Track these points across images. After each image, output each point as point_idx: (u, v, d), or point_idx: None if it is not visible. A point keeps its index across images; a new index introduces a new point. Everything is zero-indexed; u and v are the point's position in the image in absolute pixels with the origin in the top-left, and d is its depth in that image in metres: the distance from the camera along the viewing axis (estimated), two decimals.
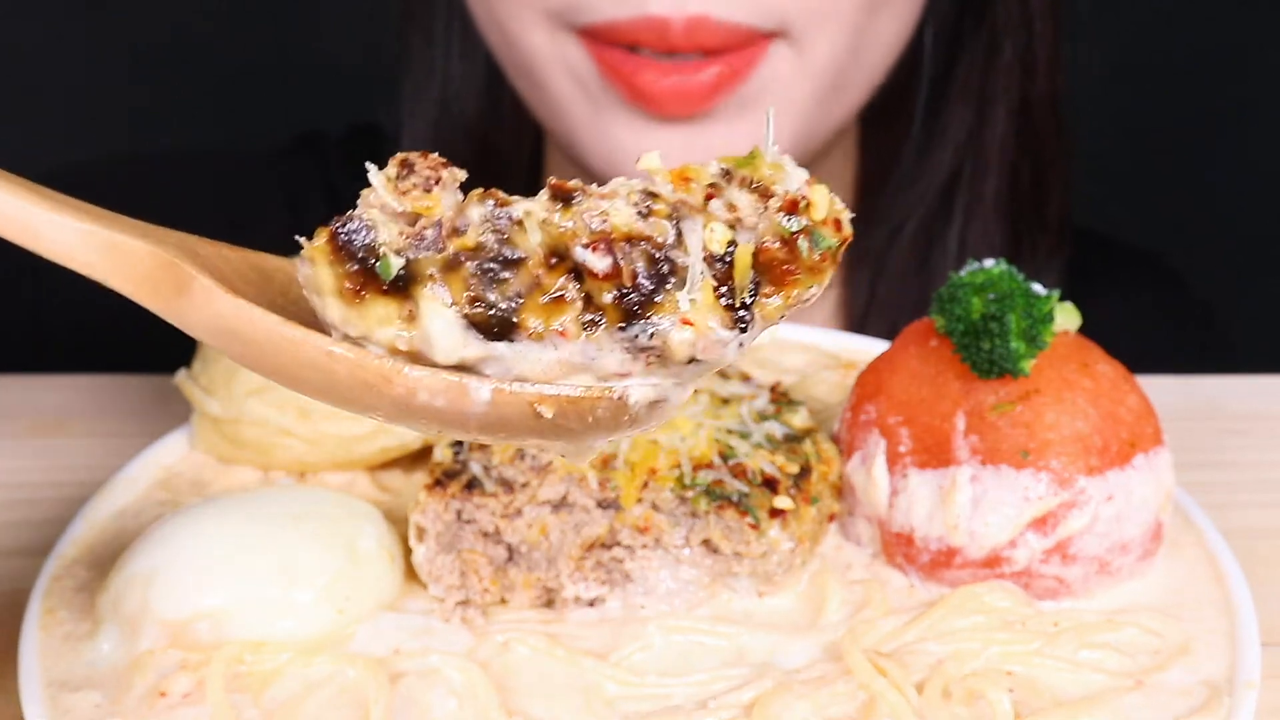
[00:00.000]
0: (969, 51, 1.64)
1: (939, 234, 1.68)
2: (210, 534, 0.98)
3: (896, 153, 1.69)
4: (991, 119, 1.65)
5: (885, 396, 1.04)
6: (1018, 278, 1.01)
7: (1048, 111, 1.67)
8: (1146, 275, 1.90)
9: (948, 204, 1.67)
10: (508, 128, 1.72)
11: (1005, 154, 1.66)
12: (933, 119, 1.66)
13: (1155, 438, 1.01)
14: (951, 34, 1.66)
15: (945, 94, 1.66)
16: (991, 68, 1.64)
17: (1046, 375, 1.00)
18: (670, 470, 0.98)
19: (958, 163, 1.66)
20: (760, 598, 1.01)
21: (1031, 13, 1.63)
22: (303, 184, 1.82)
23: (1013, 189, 1.67)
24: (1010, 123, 1.65)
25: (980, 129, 1.65)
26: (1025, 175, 1.68)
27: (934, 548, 1.00)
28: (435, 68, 1.69)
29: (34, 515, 1.16)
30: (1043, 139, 1.68)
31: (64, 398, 1.32)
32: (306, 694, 0.93)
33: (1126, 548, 1.00)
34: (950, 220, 1.67)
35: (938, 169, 1.66)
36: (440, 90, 1.69)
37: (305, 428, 1.09)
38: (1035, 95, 1.65)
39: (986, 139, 1.65)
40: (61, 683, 0.94)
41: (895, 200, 1.68)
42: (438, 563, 1.00)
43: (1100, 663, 0.95)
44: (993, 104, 1.65)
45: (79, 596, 1.01)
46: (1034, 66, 1.64)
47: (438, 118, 1.70)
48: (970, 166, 1.66)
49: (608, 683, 0.94)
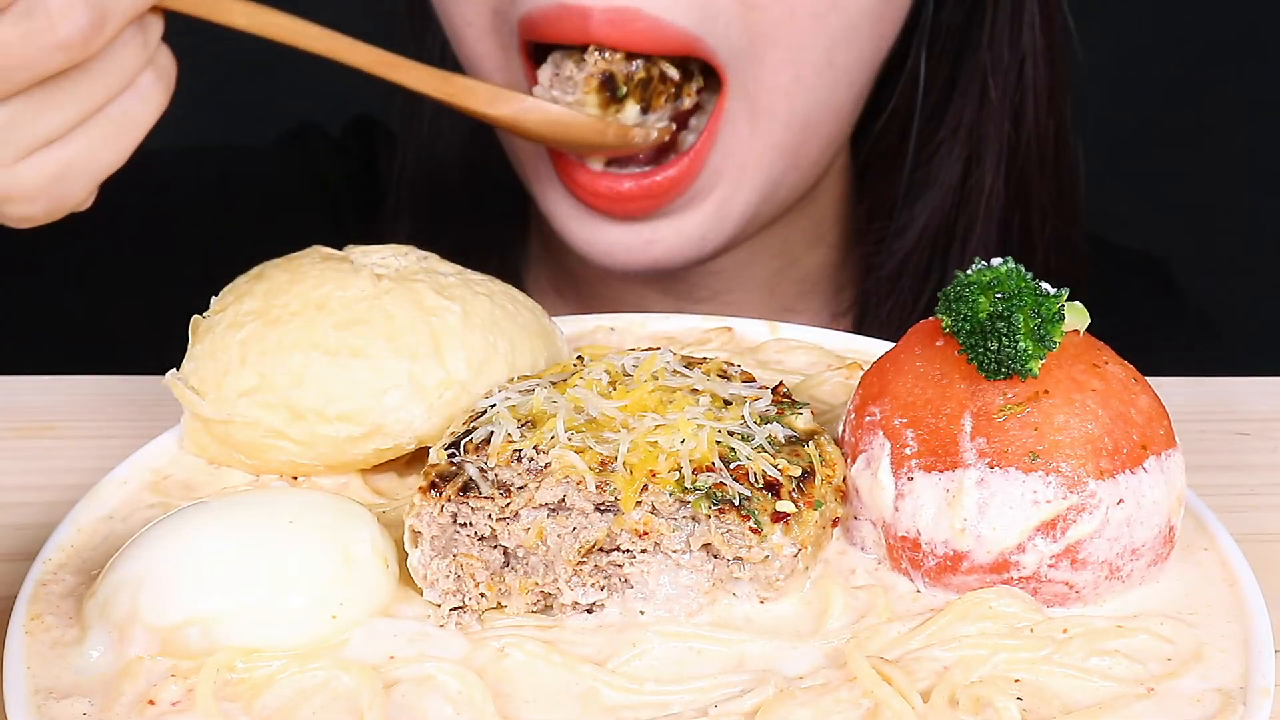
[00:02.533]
0: (960, 94, 1.59)
1: (931, 283, 1.64)
2: (201, 538, 0.97)
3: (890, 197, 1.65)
4: (980, 168, 1.59)
5: (890, 398, 1.03)
6: (1026, 276, 1.00)
7: (1037, 163, 1.61)
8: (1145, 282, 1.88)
9: (940, 255, 1.63)
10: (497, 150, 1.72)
11: (994, 205, 1.60)
12: (923, 164, 1.62)
13: (1167, 440, 1.00)
14: (948, 74, 1.61)
15: (936, 137, 1.61)
16: (981, 114, 1.58)
17: (1055, 376, 0.99)
18: (670, 473, 0.97)
19: (949, 212, 1.61)
20: (762, 603, 1.00)
21: (1023, 56, 1.57)
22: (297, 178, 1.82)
23: (1002, 242, 1.61)
24: (999, 172, 1.59)
25: (969, 178, 1.59)
26: (1015, 223, 1.63)
27: (940, 552, 0.99)
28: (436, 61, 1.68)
29: (19, 519, 1.15)
30: (1032, 192, 1.62)
31: (51, 399, 1.31)
32: (299, 702, 0.92)
33: (1137, 552, 0.99)
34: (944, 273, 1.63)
35: (930, 216, 1.61)
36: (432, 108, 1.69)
37: (298, 429, 1.08)
38: (1024, 145, 1.59)
39: (973, 189, 1.59)
40: (48, 690, 0.93)
41: (887, 247, 1.65)
42: (433, 567, 0.99)
43: (1110, 670, 0.94)
44: (982, 152, 1.59)
45: (66, 602, 1.00)
46: (1024, 114, 1.58)
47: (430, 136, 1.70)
48: (962, 217, 1.60)
49: (606, 690, 0.93)
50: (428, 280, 1.12)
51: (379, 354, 1.08)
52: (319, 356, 1.08)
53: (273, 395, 1.08)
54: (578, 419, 1.00)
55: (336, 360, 1.08)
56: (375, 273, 1.12)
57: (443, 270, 1.15)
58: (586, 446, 0.98)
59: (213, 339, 1.11)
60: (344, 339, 1.08)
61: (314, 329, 1.09)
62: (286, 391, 1.08)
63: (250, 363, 1.08)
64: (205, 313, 1.13)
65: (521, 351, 1.13)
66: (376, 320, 1.09)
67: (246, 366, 1.09)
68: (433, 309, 1.10)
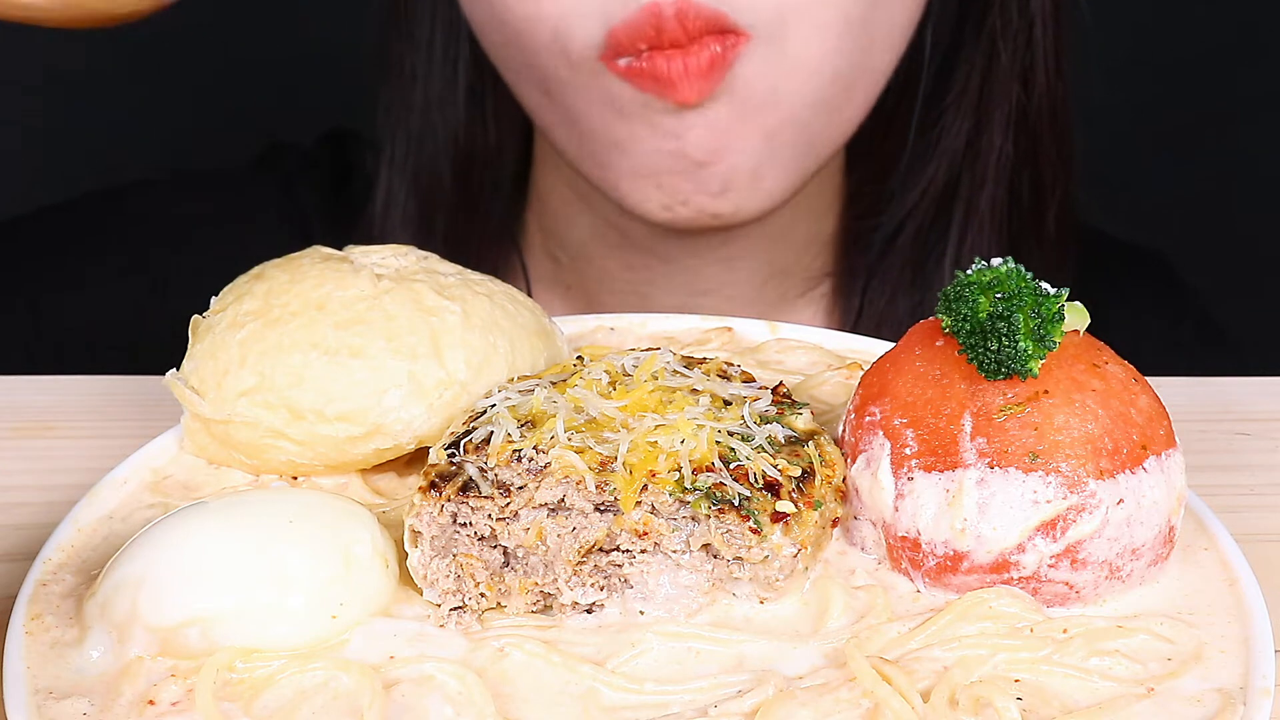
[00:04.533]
0: (966, 59, 1.62)
1: (934, 247, 1.67)
2: (201, 538, 0.97)
3: (889, 161, 1.68)
4: (989, 129, 1.63)
5: (890, 398, 1.03)
6: (1026, 276, 1.00)
7: (1048, 123, 1.65)
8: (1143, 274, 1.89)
9: (944, 216, 1.66)
10: (493, 134, 1.72)
11: (1003, 166, 1.64)
12: (928, 128, 1.65)
13: (1167, 440, 1.00)
14: (950, 40, 1.65)
15: (941, 102, 1.64)
16: (990, 76, 1.62)
17: (1055, 376, 0.99)
18: (670, 473, 0.97)
19: (954, 173, 1.65)
20: (761, 604, 0.99)
21: (1032, 19, 1.61)
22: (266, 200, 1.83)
23: (1011, 202, 1.65)
24: (1008, 134, 1.63)
25: (977, 139, 1.63)
26: (1024, 188, 1.66)
27: (940, 552, 0.99)
28: (418, 74, 1.69)
29: (19, 519, 1.15)
30: (1042, 151, 1.66)
31: (50, 399, 1.31)
32: (299, 702, 0.92)
33: (1137, 552, 0.99)
34: (946, 233, 1.66)
35: (933, 179, 1.65)
36: (423, 96, 1.69)
37: (297, 429, 1.08)
38: (1034, 106, 1.63)
39: (984, 150, 1.63)
40: (48, 690, 0.93)
41: (888, 211, 1.68)
42: (433, 567, 0.99)
43: (1110, 670, 0.94)
44: (990, 114, 1.63)
45: (66, 602, 0.99)
46: (1033, 76, 1.62)
47: (420, 126, 1.70)
48: (967, 178, 1.65)
49: (605, 690, 0.93)
50: (428, 280, 1.12)
51: (379, 354, 1.08)
52: (319, 356, 1.08)
53: (272, 395, 1.08)
54: (578, 419, 1.00)
55: (336, 360, 1.08)
56: (375, 273, 1.12)
57: (443, 270, 1.15)
58: (586, 446, 0.98)
59: (213, 339, 1.10)
60: (344, 339, 1.08)
61: (314, 329, 1.08)
62: (286, 391, 1.08)
63: (250, 363, 1.08)
64: (205, 313, 1.13)
65: (521, 351, 1.13)
66: (376, 320, 1.09)
67: (246, 366, 1.08)
68: (433, 309, 1.10)
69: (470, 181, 1.72)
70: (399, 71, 1.70)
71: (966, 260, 1.64)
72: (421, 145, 1.70)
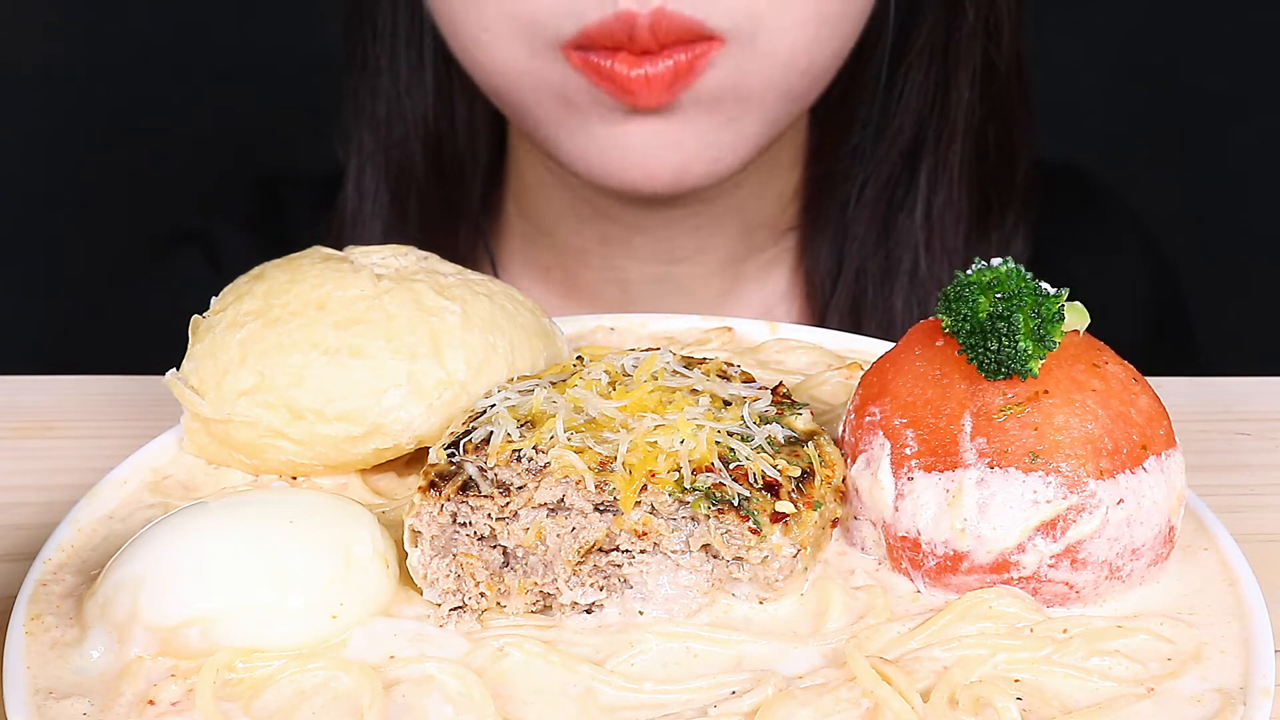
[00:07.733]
0: (930, 13, 1.64)
1: (902, 200, 1.69)
2: (201, 538, 0.97)
3: (852, 117, 1.69)
4: (955, 83, 1.65)
5: (890, 398, 1.02)
6: (1026, 276, 1.00)
7: (1013, 74, 1.68)
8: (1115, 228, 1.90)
9: (911, 169, 1.68)
10: (462, 125, 1.72)
11: (970, 118, 1.66)
12: (894, 83, 1.66)
13: (1167, 440, 1.00)
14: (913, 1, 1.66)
15: (906, 58, 1.66)
16: (954, 30, 1.64)
17: (1055, 376, 0.99)
18: (669, 473, 0.97)
19: (920, 127, 1.66)
20: (761, 604, 0.99)
21: None
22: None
23: (979, 154, 1.67)
24: (974, 86, 1.65)
25: (944, 93, 1.65)
26: (991, 140, 1.69)
27: (940, 552, 0.99)
28: (383, 66, 1.69)
29: (19, 519, 1.15)
30: (1008, 102, 1.69)
31: (51, 399, 1.31)
32: (299, 702, 0.92)
33: (1137, 552, 0.99)
34: (914, 186, 1.68)
35: (899, 134, 1.67)
36: (390, 88, 1.69)
37: (297, 429, 1.08)
38: (1000, 57, 1.66)
39: (951, 103, 1.65)
40: (48, 690, 0.93)
41: (853, 165, 1.69)
42: (433, 567, 0.98)
43: (1110, 670, 0.94)
44: (956, 67, 1.65)
45: (66, 602, 0.99)
46: (998, 28, 1.65)
47: (387, 115, 1.70)
48: (934, 131, 1.66)
49: (605, 690, 0.93)
50: (427, 280, 1.12)
51: (378, 354, 1.08)
52: (319, 356, 1.08)
53: (272, 395, 1.08)
54: (577, 419, 1.00)
55: (336, 360, 1.08)
56: (375, 273, 1.12)
57: (442, 270, 1.15)
58: (586, 446, 0.98)
59: (213, 339, 1.10)
60: (344, 339, 1.08)
61: (314, 329, 1.08)
62: (286, 391, 1.08)
63: (250, 362, 1.08)
64: (205, 313, 1.13)
65: (521, 351, 1.13)
66: (376, 320, 1.09)
67: (246, 366, 1.08)
68: (432, 309, 1.10)
69: (442, 164, 1.72)
70: (363, 59, 1.69)
71: (936, 213, 1.65)
72: (390, 131, 1.70)
